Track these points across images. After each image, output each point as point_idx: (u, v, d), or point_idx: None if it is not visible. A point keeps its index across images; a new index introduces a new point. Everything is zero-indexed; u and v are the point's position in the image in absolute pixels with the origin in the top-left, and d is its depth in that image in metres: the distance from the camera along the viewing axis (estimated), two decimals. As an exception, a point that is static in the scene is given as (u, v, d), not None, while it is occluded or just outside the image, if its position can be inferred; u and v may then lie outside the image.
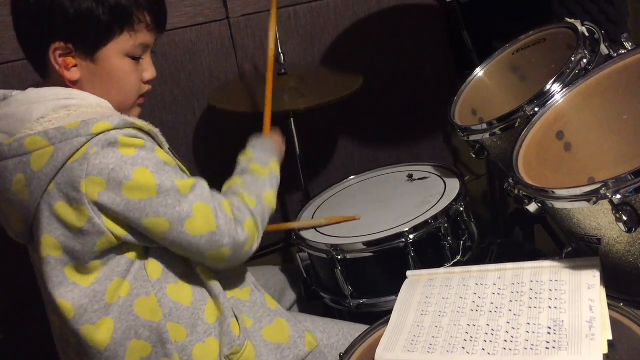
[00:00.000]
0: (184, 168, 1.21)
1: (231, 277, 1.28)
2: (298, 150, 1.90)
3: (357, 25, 2.35)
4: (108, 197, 1.06)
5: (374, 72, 2.29)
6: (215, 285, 1.22)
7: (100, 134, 1.05)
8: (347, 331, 1.37)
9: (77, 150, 1.04)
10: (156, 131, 1.17)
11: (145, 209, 1.08)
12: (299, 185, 1.97)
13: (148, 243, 1.14)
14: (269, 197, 1.30)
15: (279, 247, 2.41)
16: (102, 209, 1.07)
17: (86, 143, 1.04)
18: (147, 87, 1.24)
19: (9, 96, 1.13)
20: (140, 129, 1.11)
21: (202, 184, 1.16)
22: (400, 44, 2.42)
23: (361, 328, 1.39)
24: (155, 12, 1.18)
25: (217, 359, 1.20)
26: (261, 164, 1.34)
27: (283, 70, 1.94)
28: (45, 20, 1.09)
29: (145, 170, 1.07)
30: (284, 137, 1.53)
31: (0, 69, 1.89)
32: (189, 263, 1.21)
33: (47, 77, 1.17)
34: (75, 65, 1.13)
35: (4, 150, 1.06)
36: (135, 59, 1.18)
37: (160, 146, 1.16)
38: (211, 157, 2.22)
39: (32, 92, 1.12)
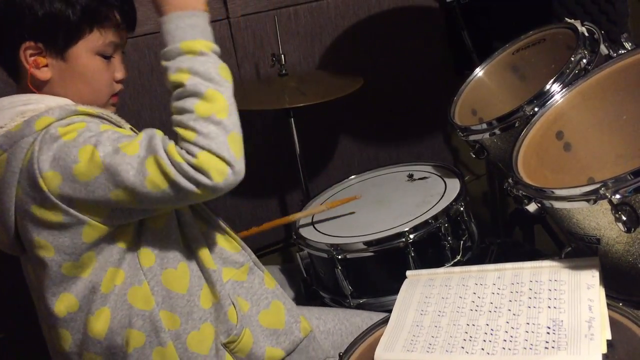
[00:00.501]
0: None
1: (229, 255, 1.27)
2: (298, 149, 1.90)
3: (357, 26, 2.35)
4: (68, 187, 1.04)
5: (374, 72, 2.29)
6: (213, 271, 1.21)
7: (43, 129, 1.05)
8: (343, 316, 1.38)
9: (28, 150, 1.05)
10: (108, 113, 1.16)
11: (104, 184, 1.04)
12: (299, 184, 1.98)
13: (131, 218, 1.12)
14: (205, 107, 1.05)
15: (279, 247, 2.41)
16: (69, 200, 1.05)
17: (33, 142, 1.05)
18: (119, 87, 1.23)
19: None
20: (87, 114, 1.10)
21: (151, 134, 1.07)
22: (401, 44, 2.42)
23: (356, 313, 1.39)
24: (124, 11, 1.18)
25: (212, 345, 1.20)
26: (175, 70, 1.08)
27: (284, 71, 1.95)
28: (15, 20, 1.10)
29: (88, 147, 1.05)
30: None
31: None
32: (186, 246, 1.20)
33: (19, 80, 1.17)
34: (46, 65, 1.13)
35: None
36: (106, 57, 1.18)
37: (119, 125, 1.15)
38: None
39: None
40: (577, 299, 0.99)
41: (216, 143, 1.03)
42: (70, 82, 1.15)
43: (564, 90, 1.28)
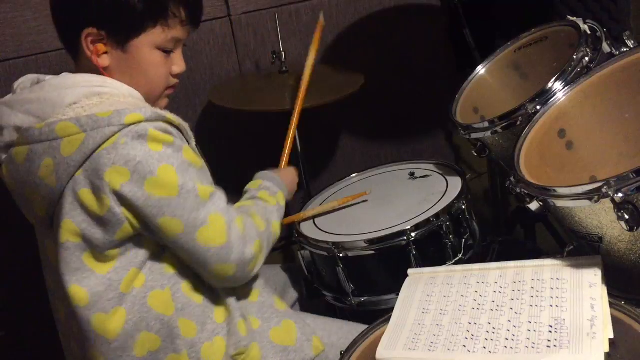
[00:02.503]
0: (207, 169, 1.20)
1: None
2: (300, 148, 1.90)
3: (358, 24, 2.35)
4: (130, 189, 1.06)
5: (375, 70, 2.29)
6: (226, 288, 1.23)
7: (131, 124, 1.05)
8: (348, 330, 1.37)
9: (108, 139, 1.05)
10: (185, 125, 1.17)
11: (164, 208, 1.08)
12: (300, 183, 1.97)
13: (158, 240, 1.14)
14: (276, 226, 1.31)
15: (281, 246, 2.41)
16: (122, 199, 1.06)
17: (117, 132, 1.05)
18: (175, 81, 1.25)
19: (42, 80, 1.14)
20: (171, 123, 1.12)
21: (221, 195, 1.16)
22: (402, 42, 2.42)
23: (361, 328, 1.39)
24: (191, 8, 1.18)
25: (223, 358, 1.20)
26: (270, 194, 1.36)
27: (284, 69, 1.94)
28: (81, 5, 1.11)
29: (170, 168, 1.08)
30: (297, 174, 1.56)
31: (1, 65, 1.90)
32: None
33: (78, 62, 1.17)
34: (106, 52, 1.14)
35: (35, 134, 1.07)
36: (166, 52, 1.18)
37: (188, 141, 1.17)
38: (211, 155, 2.20)
39: (66, 78, 1.12)
40: (580, 297, 0.98)
41: (267, 247, 1.27)
42: (128, 71, 1.16)
43: (566, 88, 1.28)
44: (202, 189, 1.12)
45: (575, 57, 1.29)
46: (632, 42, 1.28)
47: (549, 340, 0.92)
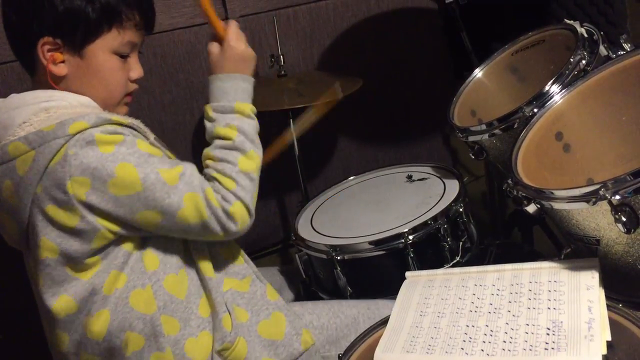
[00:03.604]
0: (171, 154, 1.20)
1: (231, 267, 1.28)
2: (297, 150, 1.90)
3: (356, 27, 2.35)
4: (95, 196, 1.07)
5: (373, 73, 2.29)
6: (212, 279, 1.22)
7: (77, 133, 1.06)
8: (338, 309, 1.36)
9: (57, 152, 1.05)
10: (137, 123, 1.17)
11: (135, 204, 1.09)
12: (298, 185, 1.97)
13: (144, 233, 1.15)
14: (246, 163, 1.19)
15: (278, 248, 2.41)
16: (92, 208, 1.07)
17: (64, 144, 1.05)
18: (133, 86, 1.25)
19: None
20: (120, 123, 1.12)
21: (191, 171, 1.15)
22: (399, 45, 2.42)
23: (352, 304, 1.38)
24: (144, 12, 1.19)
25: (209, 353, 1.20)
26: (225, 124, 1.21)
27: (283, 72, 1.94)
28: (35, 15, 1.10)
29: (127, 165, 1.08)
30: (243, 36, 1.31)
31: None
32: (187, 254, 1.21)
33: (34, 74, 1.18)
34: (63, 61, 1.14)
35: None
36: (123, 56, 1.19)
37: (146, 136, 1.17)
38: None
39: (14, 98, 1.13)
40: (577, 300, 0.98)
41: (250, 196, 1.18)
42: (86, 79, 1.16)
43: (563, 91, 1.28)
44: (167, 173, 1.11)
45: (572, 60, 1.29)
46: (629, 45, 1.29)
47: (546, 343, 0.92)
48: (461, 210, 1.50)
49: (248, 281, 1.29)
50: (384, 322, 1.11)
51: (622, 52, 1.27)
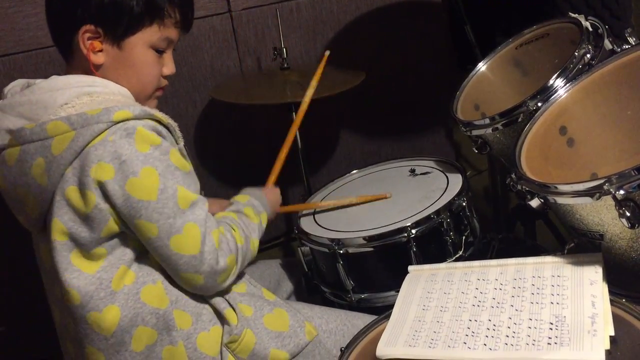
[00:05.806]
0: (194, 174, 1.20)
1: None
2: (300, 144, 1.90)
3: (359, 19, 2.34)
4: (112, 186, 1.07)
5: (376, 66, 2.29)
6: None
7: (120, 122, 1.07)
8: (346, 317, 1.37)
9: (97, 135, 1.06)
10: (174, 125, 1.18)
11: (141, 210, 1.09)
12: (300, 179, 1.97)
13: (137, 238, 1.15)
14: (255, 244, 1.30)
15: (280, 241, 2.41)
16: (106, 195, 1.08)
17: (106, 130, 1.07)
18: (165, 82, 1.27)
19: (32, 84, 1.15)
20: (159, 121, 1.13)
21: (202, 205, 1.16)
22: (403, 38, 2.41)
23: (358, 316, 1.39)
24: (184, 11, 1.22)
25: (219, 347, 1.21)
26: (255, 212, 1.35)
27: (285, 65, 1.94)
28: (80, 2, 1.12)
29: (153, 171, 1.09)
30: (281, 200, 1.52)
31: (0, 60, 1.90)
32: None
33: (70, 60, 1.19)
34: (101, 50, 1.15)
35: (26, 134, 1.08)
36: (159, 52, 1.21)
37: (177, 141, 1.18)
38: (211, 150, 2.22)
39: (56, 80, 1.14)
40: (580, 294, 0.98)
41: (241, 262, 1.23)
42: (122, 70, 1.18)
43: (567, 85, 1.28)
44: (183, 195, 1.12)
45: (576, 54, 1.29)
46: (634, 39, 1.28)
47: (549, 338, 0.92)
48: (464, 204, 1.49)
49: (244, 286, 1.31)
50: (386, 316, 1.11)
51: (627, 46, 1.27)
